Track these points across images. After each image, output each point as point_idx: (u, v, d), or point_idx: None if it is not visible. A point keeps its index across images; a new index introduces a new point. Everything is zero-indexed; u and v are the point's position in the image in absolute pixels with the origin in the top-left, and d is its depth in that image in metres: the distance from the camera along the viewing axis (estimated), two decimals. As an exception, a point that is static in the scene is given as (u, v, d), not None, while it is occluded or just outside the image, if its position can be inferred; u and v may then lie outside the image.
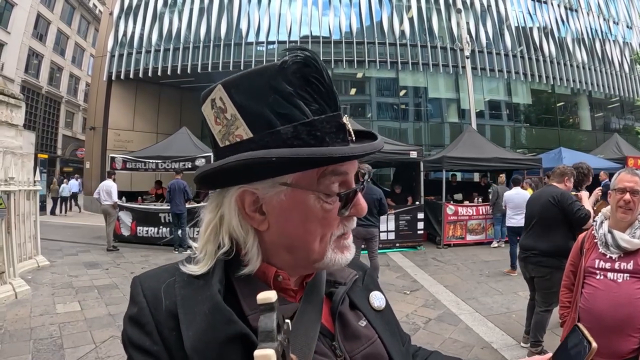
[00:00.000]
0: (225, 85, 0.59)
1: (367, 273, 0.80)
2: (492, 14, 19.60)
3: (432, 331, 4.40)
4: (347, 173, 0.61)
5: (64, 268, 7.03)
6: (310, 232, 0.59)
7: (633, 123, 22.49)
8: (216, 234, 0.62)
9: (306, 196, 0.58)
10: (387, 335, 0.71)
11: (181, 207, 8.69)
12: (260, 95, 0.56)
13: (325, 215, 0.59)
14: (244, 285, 0.60)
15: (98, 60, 19.71)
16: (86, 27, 34.22)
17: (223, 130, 0.59)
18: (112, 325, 4.46)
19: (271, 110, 0.55)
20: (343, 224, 0.62)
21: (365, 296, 0.75)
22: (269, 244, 0.61)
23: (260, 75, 0.57)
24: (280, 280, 0.63)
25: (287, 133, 0.55)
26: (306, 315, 0.62)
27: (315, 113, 0.56)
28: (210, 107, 0.61)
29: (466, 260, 8.05)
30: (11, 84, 22.32)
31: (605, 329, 1.83)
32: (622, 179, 1.99)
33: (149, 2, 18.93)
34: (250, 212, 0.60)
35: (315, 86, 0.56)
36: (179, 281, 0.60)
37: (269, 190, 0.58)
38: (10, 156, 6.08)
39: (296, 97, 0.55)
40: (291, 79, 0.55)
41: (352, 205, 0.61)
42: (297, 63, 0.55)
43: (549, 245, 3.57)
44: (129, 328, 0.58)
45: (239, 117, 0.57)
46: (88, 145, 19.23)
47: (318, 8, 18.60)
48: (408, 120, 19.42)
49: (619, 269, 1.90)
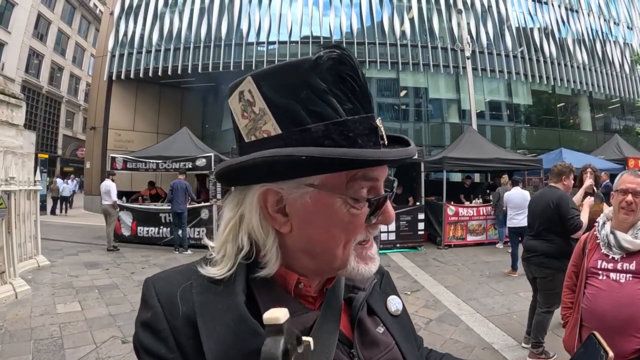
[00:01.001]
0: (255, 77, 0.56)
1: (384, 276, 0.78)
2: (493, 14, 19.61)
3: (433, 332, 4.39)
4: (377, 179, 0.58)
5: (65, 268, 7.03)
6: (334, 237, 0.56)
7: (633, 124, 22.51)
8: (235, 233, 0.59)
9: (333, 200, 0.55)
10: (404, 341, 0.70)
11: (182, 206, 8.71)
12: (292, 90, 0.53)
13: (352, 220, 0.56)
14: (265, 292, 0.57)
15: (98, 60, 19.74)
16: (87, 27, 34.28)
17: (250, 125, 0.57)
18: (112, 325, 4.45)
19: (303, 106, 0.53)
20: (367, 231, 0.59)
21: (382, 301, 0.73)
22: (290, 247, 0.59)
23: (293, 69, 0.54)
24: (301, 287, 0.60)
25: (318, 132, 0.52)
26: (325, 323, 0.60)
27: (349, 113, 0.53)
28: (237, 99, 0.58)
29: (467, 260, 8.05)
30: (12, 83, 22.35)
31: (608, 330, 1.82)
32: (624, 180, 1.99)
33: (150, 2, 18.96)
34: (273, 213, 0.57)
35: (349, 85, 0.54)
36: (196, 286, 0.57)
37: (294, 191, 0.55)
38: (11, 156, 6.08)
39: (330, 95, 0.52)
40: (325, 75, 0.52)
41: (380, 213, 0.59)
42: (333, 59, 0.53)
43: (550, 247, 3.58)
44: (142, 333, 0.56)
45: (267, 111, 0.54)
46: (88, 145, 19.24)
47: (319, 8, 18.61)
48: (408, 120, 19.42)
49: (621, 269, 1.89)
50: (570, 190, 3.86)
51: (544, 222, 3.64)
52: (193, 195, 9.18)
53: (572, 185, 3.85)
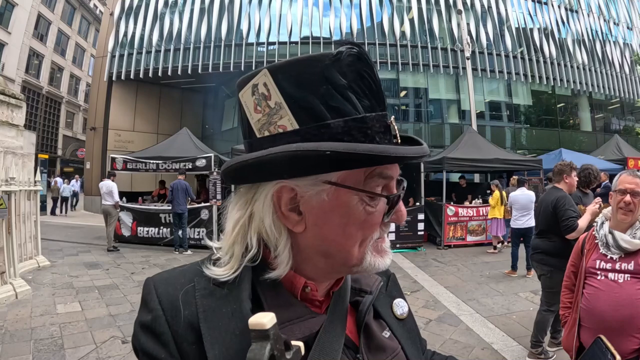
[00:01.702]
0: (271, 70, 0.53)
1: (390, 279, 0.77)
2: (493, 15, 19.62)
3: (433, 332, 4.39)
4: (392, 177, 0.57)
5: (65, 268, 7.03)
6: (350, 236, 0.55)
7: (633, 124, 22.52)
8: (244, 233, 0.57)
9: (350, 197, 0.54)
10: (409, 345, 0.69)
11: (183, 207, 8.71)
12: (312, 84, 0.51)
13: (368, 218, 0.55)
14: (271, 296, 0.56)
15: (99, 60, 19.75)
16: (87, 28, 34.27)
17: (263, 120, 0.54)
18: (112, 325, 4.46)
19: (322, 101, 0.51)
20: (381, 229, 0.58)
21: (388, 304, 0.72)
22: (302, 247, 0.57)
23: (313, 63, 0.52)
24: (308, 291, 0.59)
25: (338, 127, 0.51)
26: (331, 327, 0.59)
27: (366, 110, 0.53)
28: (250, 92, 0.55)
29: (466, 261, 8.05)
30: (12, 84, 22.35)
31: (607, 329, 1.82)
32: (623, 180, 1.99)
33: (150, 3, 18.97)
34: (286, 211, 0.55)
35: (367, 82, 0.53)
36: (200, 288, 0.56)
37: (310, 189, 0.54)
38: (11, 156, 6.08)
39: (349, 91, 0.52)
40: (345, 71, 0.52)
41: (394, 212, 0.58)
42: (353, 56, 0.52)
43: (549, 245, 3.66)
44: (142, 336, 0.54)
45: (284, 105, 0.52)
46: (88, 145, 19.25)
47: (319, 9, 18.61)
48: (408, 121, 19.41)
49: (619, 269, 1.90)
50: (574, 187, 3.88)
51: (544, 222, 3.72)
52: (193, 195, 9.19)
53: (575, 183, 3.87)
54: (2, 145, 6.04)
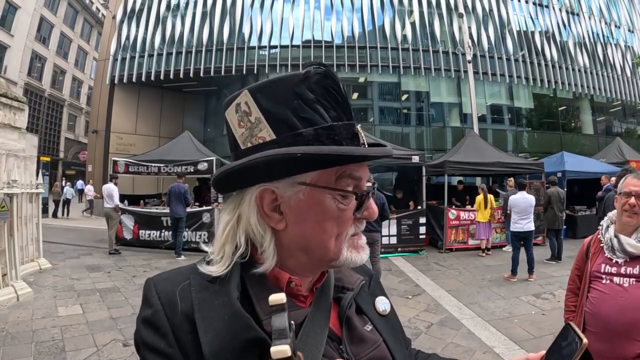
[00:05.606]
0: (251, 90, 0.62)
1: (373, 278, 0.82)
2: (494, 18, 19.66)
3: (434, 336, 4.38)
4: (361, 178, 0.64)
5: (66, 271, 7.03)
6: (326, 230, 0.61)
7: (635, 127, 22.48)
8: (234, 234, 0.64)
9: (323, 196, 0.61)
10: (392, 339, 0.73)
11: (180, 212, 8.55)
12: (285, 100, 0.60)
13: (341, 214, 0.62)
14: (259, 290, 0.61)
15: (101, 63, 19.85)
16: (89, 31, 34.44)
17: (246, 133, 0.62)
18: (113, 328, 4.46)
19: (294, 114, 0.59)
20: (355, 225, 0.65)
21: (371, 301, 0.77)
22: (285, 244, 0.63)
23: (285, 82, 0.61)
24: (293, 286, 0.65)
25: (309, 135, 0.58)
26: (316, 319, 0.64)
27: (334, 119, 0.60)
28: (234, 110, 0.63)
29: (468, 265, 8.02)
30: (14, 86, 22.44)
31: (612, 334, 1.81)
32: (628, 183, 1.98)
33: (152, 6, 19.07)
34: (269, 211, 0.62)
35: (333, 96, 0.61)
36: (195, 285, 0.62)
37: (288, 190, 0.61)
38: (13, 159, 6.10)
39: (317, 104, 0.59)
40: (313, 87, 0.59)
41: (364, 208, 0.65)
42: (319, 74, 0.60)
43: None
44: (143, 330, 0.60)
45: (263, 120, 0.60)
46: (90, 148, 19.31)
47: (320, 12, 18.67)
48: (410, 124, 19.42)
49: (625, 273, 1.88)
50: None
51: None
52: (190, 200, 8.98)
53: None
54: (5, 147, 6.05)
